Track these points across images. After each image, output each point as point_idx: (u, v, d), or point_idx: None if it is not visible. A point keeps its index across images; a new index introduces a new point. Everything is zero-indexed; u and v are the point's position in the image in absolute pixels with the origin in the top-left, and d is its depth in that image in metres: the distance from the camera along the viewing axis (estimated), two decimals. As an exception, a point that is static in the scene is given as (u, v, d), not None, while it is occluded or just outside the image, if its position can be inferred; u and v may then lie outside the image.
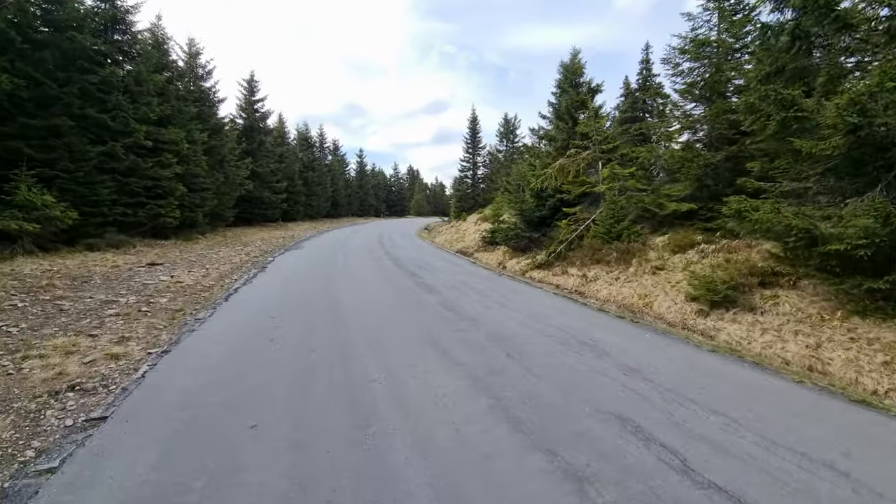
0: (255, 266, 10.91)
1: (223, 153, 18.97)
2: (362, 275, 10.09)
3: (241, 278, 9.09)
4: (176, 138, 15.09)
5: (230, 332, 5.37)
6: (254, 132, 27.76)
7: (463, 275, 11.26)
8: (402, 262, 13.24)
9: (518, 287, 9.95)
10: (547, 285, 11.51)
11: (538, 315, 6.89)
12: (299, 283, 8.73)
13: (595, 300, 9.86)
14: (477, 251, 19.03)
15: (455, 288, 8.91)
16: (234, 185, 20.14)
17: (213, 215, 18.55)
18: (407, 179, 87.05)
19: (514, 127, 40.09)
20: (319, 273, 10.23)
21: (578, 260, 12.81)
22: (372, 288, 8.38)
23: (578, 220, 14.35)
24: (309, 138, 41.75)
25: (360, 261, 12.91)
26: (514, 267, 14.53)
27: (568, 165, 14.51)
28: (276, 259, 12.39)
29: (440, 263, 13.51)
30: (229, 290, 7.75)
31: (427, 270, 11.44)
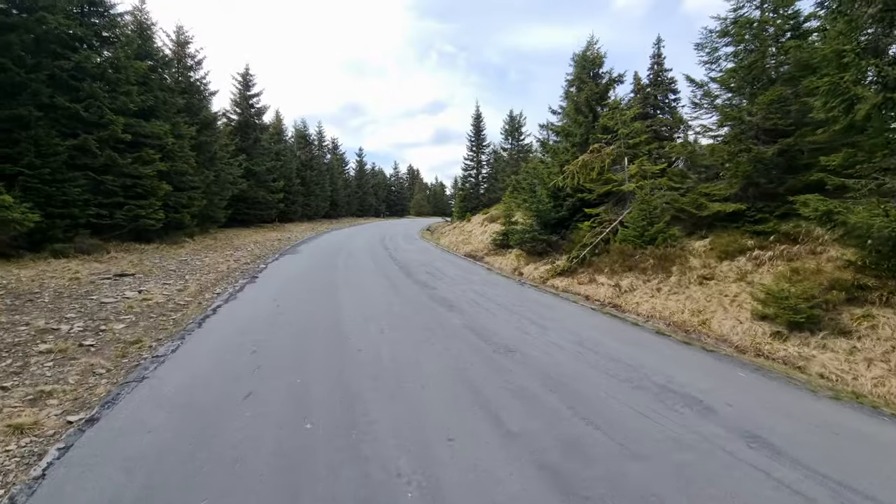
0: (244, 275, 9.55)
1: (214, 149, 17.59)
2: (367, 286, 8.75)
3: (225, 292, 7.73)
4: (159, 132, 13.70)
5: (194, 380, 3.99)
6: (249, 128, 26.36)
7: (480, 284, 9.92)
8: (409, 268, 11.89)
9: (546, 300, 8.61)
10: (575, 296, 10.19)
11: (587, 341, 5.56)
12: (293, 298, 7.39)
13: (635, 315, 8.54)
14: (487, 255, 17.71)
15: (476, 303, 7.57)
16: (226, 183, 18.75)
17: (202, 216, 17.15)
18: (407, 179, 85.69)
19: (519, 124, 38.75)
20: (318, 284, 8.89)
21: (607, 266, 11.49)
22: (381, 305, 7.03)
23: (603, 222, 13.03)
24: (307, 136, 40.32)
25: (363, 267, 11.57)
26: (532, 273, 13.21)
27: (591, 161, 13.18)
28: (269, 266, 11.04)
29: (452, 270, 12.17)
30: (207, 309, 6.40)
31: (440, 279, 10.10)
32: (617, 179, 12.93)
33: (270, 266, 11.11)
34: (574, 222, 14.93)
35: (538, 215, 14.77)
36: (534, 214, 14.79)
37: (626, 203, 13.24)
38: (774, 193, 10.06)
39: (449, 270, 12.08)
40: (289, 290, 8.02)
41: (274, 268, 10.92)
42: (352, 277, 9.86)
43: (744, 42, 11.39)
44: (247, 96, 26.52)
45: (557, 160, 15.65)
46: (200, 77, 18.59)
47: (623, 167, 13.50)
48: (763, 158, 10.03)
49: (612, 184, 12.87)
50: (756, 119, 10.50)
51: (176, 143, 14.80)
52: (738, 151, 10.41)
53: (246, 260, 12.05)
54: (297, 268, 11.12)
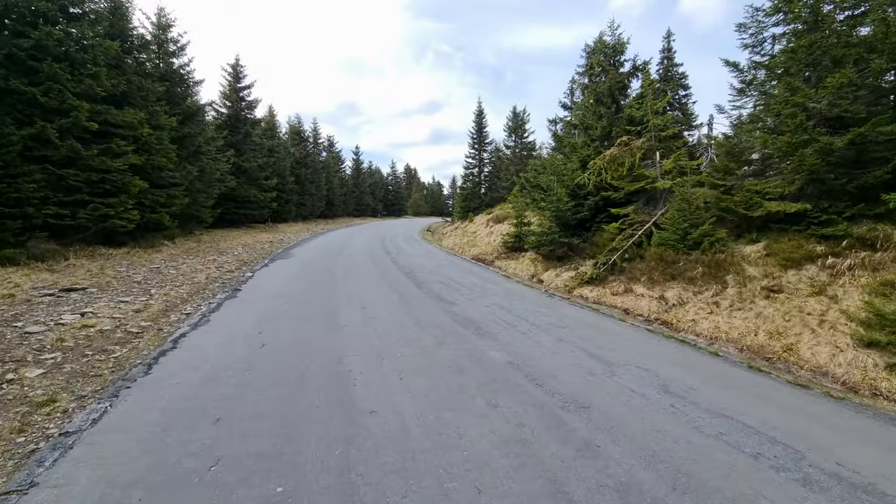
0: (225, 287, 8.02)
1: (198, 143, 15.99)
2: (373, 302, 7.26)
3: (197, 312, 6.21)
4: (132, 121, 12.10)
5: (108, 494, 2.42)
6: (239, 123, 24.71)
7: (503, 296, 8.46)
8: (418, 276, 10.41)
9: (586, 317, 7.15)
10: (610, 308, 8.78)
11: (672, 384, 4.13)
12: (282, 322, 5.85)
13: (693, 335, 7.13)
14: (497, 258, 16.28)
15: (510, 324, 6.11)
16: (213, 180, 17.14)
17: (184, 217, 15.55)
18: (404, 178, 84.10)
19: (522, 121, 37.35)
20: (313, 299, 7.39)
21: (643, 274, 10.08)
22: (392, 331, 5.53)
23: (633, 224, 11.62)
24: (302, 132, 38.65)
25: (365, 276, 10.08)
26: (553, 281, 11.79)
27: (621, 156, 11.76)
28: (257, 275, 9.50)
29: (465, 278, 10.69)
30: (167, 340, 4.87)
31: (455, 290, 8.63)
32: (650, 176, 11.52)
33: (258, 275, 9.57)
34: (596, 224, 13.53)
35: (557, 216, 13.34)
36: (552, 215, 13.35)
37: (658, 202, 11.85)
38: (842, 191, 8.69)
39: (462, 278, 10.61)
40: (277, 310, 6.49)
41: (262, 277, 9.38)
42: (353, 289, 8.37)
43: (799, 20, 10.01)
44: (237, 88, 24.88)
45: (577, 156, 14.24)
46: (183, 63, 16.99)
47: (655, 162, 12.12)
48: (831, 151, 8.64)
49: (644, 180, 11.46)
50: (821, 106, 9.11)
51: (153, 135, 13.20)
52: (799, 143, 9.02)
53: (230, 267, 10.49)
54: (289, 277, 9.58)
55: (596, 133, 14.57)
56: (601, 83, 14.87)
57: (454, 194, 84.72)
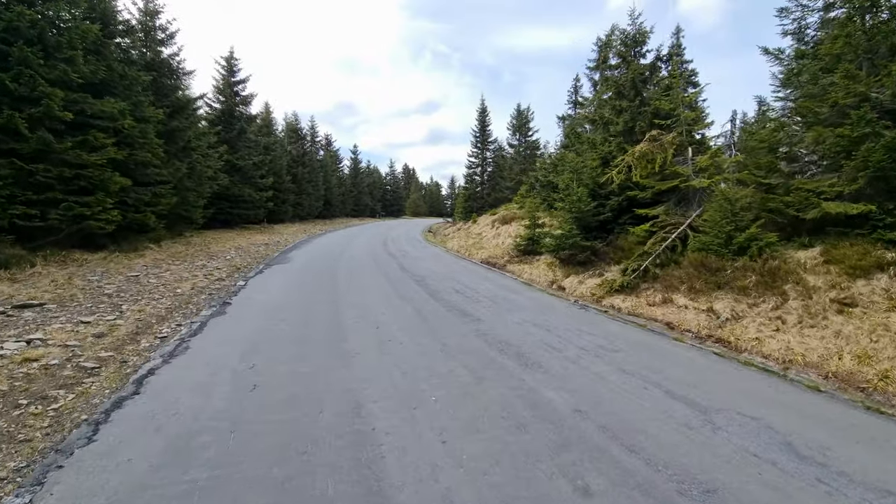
0: (212, 300, 6.91)
1: (188, 137, 14.84)
2: (386, 318, 6.19)
3: (174, 335, 5.09)
4: (112, 111, 10.96)
5: None
6: (233, 118, 23.54)
7: (532, 310, 7.40)
8: (430, 283, 9.35)
9: (638, 336, 6.10)
10: (650, 321, 7.76)
11: (802, 446, 3.09)
12: (279, 349, 4.73)
13: (761, 357, 6.12)
14: (510, 262, 15.24)
15: (554, 348, 5.05)
16: (204, 178, 15.98)
17: (173, 217, 14.39)
18: (403, 178, 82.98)
19: (527, 119, 36.35)
20: (314, 314, 6.30)
21: (683, 283, 9.09)
22: (416, 361, 4.40)
23: (666, 226, 10.62)
24: (299, 130, 37.46)
25: (372, 284, 9.01)
26: (577, 288, 10.77)
27: (651, 152, 10.76)
28: (250, 284, 8.38)
29: (483, 285, 9.64)
30: (129, 380, 3.72)
31: (476, 302, 7.57)
32: (684, 173, 10.53)
33: (252, 284, 8.46)
34: (619, 225, 12.53)
35: (577, 218, 12.32)
36: (572, 217, 12.33)
37: (691, 202, 10.86)
38: (910, 190, 7.74)
39: (478, 286, 9.56)
40: (272, 331, 5.38)
41: (256, 286, 8.27)
42: (361, 301, 7.29)
43: (850, 3, 9.09)
44: (231, 83, 23.70)
45: (598, 153, 13.24)
46: (173, 53, 15.83)
47: (687, 158, 11.13)
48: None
49: (678, 178, 10.45)
50: (884, 96, 8.14)
51: (137, 127, 12.06)
52: (860, 136, 8.05)
53: (220, 274, 9.37)
54: (286, 287, 8.47)
55: (617, 128, 13.57)
56: (622, 75, 13.87)
57: (453, 194, 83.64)
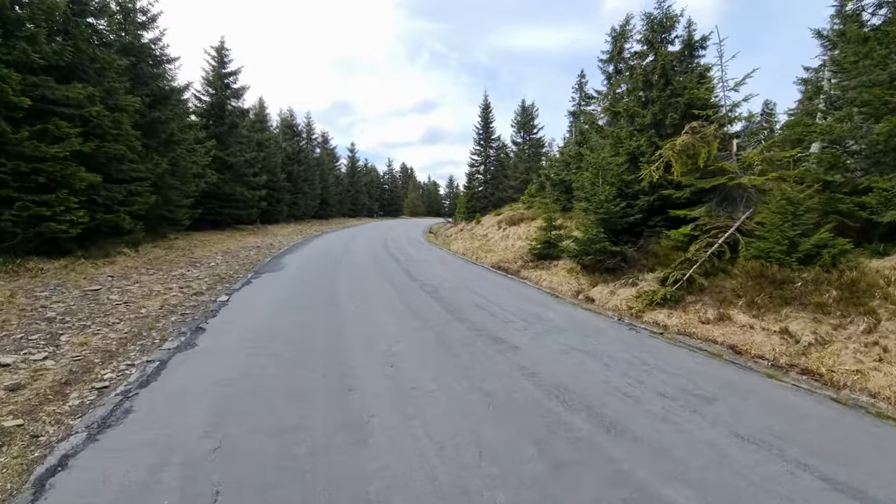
0: (183, 325, 5.50)
1: (170, 130, 13.45)
2: (402, 352, 4.86)
3: (119, 384, 3.71)
4: (79, 96, 9.58)
5: None
6: (224, 112, 22.12)
7: (574, 332, 6.10)
8: (445, 295, 8.04)
9: (725, 374, 4.79)
10: (707, 342, 6.52)
11: None
12: (258, 416, 3.25)
13: (867, 395, 4.87)
14: (524, 267, 13.97)
15: (632, 397, 3.75)
16: (189, 175, 14.58)
17: (153, 218, 13.00)
18: (401, 177, 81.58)
19: (531, 116, 35.10)
20: (311, 346, 4.95)
21: (739, 297, 7.88)
22: (455, 429, 3.01)
23: (710, 230, 9.38)
24: (294, 126, 35.99)
25: (377, 296, 7.70)
26: (608, 300, 9.53)
27: (693, 146, 9.51)
28: (232, 302, 6.98)
29: (505, 298, 8.35)
30: (29, 475, 2.43)
31: (504, 321, 6.28)
32: (730, 170, 9.29)
33: (235, 300, 7.08)
34: (650, 228, 11.30)
35: (604, 219, 11.07)
36: (598, 218, 11.08)
37: (737, 202, 9.63)
38: None
39: (500, 298, 8.26)
40: (254, 377, 3.95)
41: (239, 304, 6.88)
42: (368, 323, 5.98)
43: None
44: (222, 74, 22.27)
45: (624, 148, 11.99)
46: (155, 38, 14.40)
47: (731, 153, 9.91)
48: None
49: (725, 175, 9.22)
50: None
51: (108, 116, 10.66)
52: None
53: (200, 286, 8.00)
54: (277, 304, 7.10)
55: (644, 121, 12.33)
56: (649, 63, 12.62)
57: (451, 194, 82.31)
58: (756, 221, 8.73)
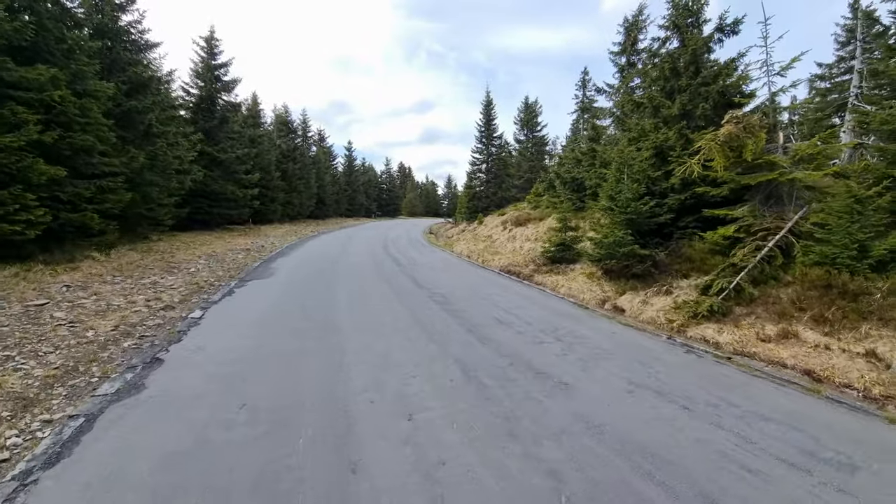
0: (132, 358, 4.30)
1: (149, 121, 12.24)
2: (419, 394, 3.71)
3: (14, 464, 2.60)
4: (39, 78, 8.38)
5: None
6: (214, 106, 20.89)
7: (626, 357, 4.99)
8: (458, 307, 6.92)
9: (861, 430, 3.70)
10: (774, 365, 5.46)
11: None
12: None
13: None
14: (537, 272, 12.87)
15: (759, 479, 2.67)
16: (171, 170, 13.35)
17: (130, 217, 11.79)
18: (399, 177, 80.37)
19: (535, 113, 34.03)
20: (301, 396, 3.74)
21: (802, 309, 6.85)
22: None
23: (756, 232, 8.31)
24: (289, 123, 34.70)
25: (381, 310, 6.58)
26: (640, 310, 8.45)
27: (738, 137, 8.44)
28: (206, 319, 5.75)
29: (529, 310, 7.23)
30: None
31: (536, 341, 5.18)
32: (780, 164, 8.24)
33: (210, 317, 5.88)
34: (680, 229, 10.24)
35: (631, 220, 10.00)
36: (624, 219, 10.00)
37: (785, 200, 8.59)
38: None
39: (523, 311, 7.15)
40: (216, 455, 2.72)
41: (215, 322, 5.67)
42: (373, 350, 4.84)
43: None
44: (211, 66, 21.02)
45: (650, 142, 10.92)
46: (134, 21, 13.19)
47: (778, 145, 8.87)
48: None
49: (774, 170, 8.15)
50: None
51: (76, 103, 9.46)
52: None
53: (172, 298, 6.80)
54: (261, 321, 5.90)
55: (671, 112, 11.28)
56: (676, 50, 11.55)
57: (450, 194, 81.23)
58: (812, 222, 7.69)
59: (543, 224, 18.64)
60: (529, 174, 30.39)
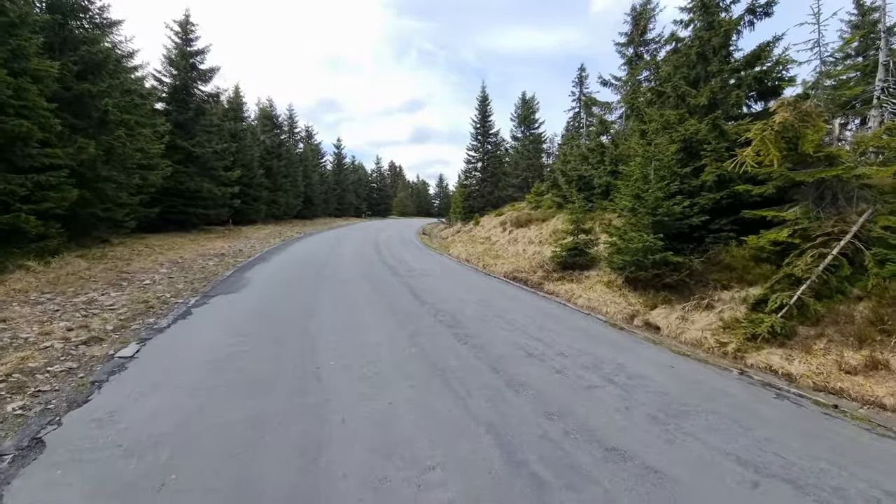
0: (17, 429, 2.97)
1: (104, 106, 10.62)
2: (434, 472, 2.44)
3: None
4: (-51, 49, 6.80)
5: None
6: (189, 96, 19.20)
7: (731, 419, 3.70)
8: (473, 333, 5.58)
9: None
10: (881, 410, 4.18)
11: None
12: None
13: None
14: (546, 279, 11.60)
15: None
16: (132, 165, 11.72)
17: (83, 218, 10.18)
18: (389, 176, 78.71)
19: (532, 110, 32.86)
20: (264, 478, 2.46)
21: (888, 332, 5.70)
22: None
23: (815, 237, 7.13)
24: (275, 118, 32.94)
25: (380, 348, 5.20)
26: (681, 329, 7.25)
27: (794, 127, 7.24)
28: (140, 359, 4.13)
29: (559, 336, 5.90)
30: None
31: (589, 392, 3.85)
32: (844, 158, 7.08)
33: (146, 355, 4.25)
34: (713, 233, 9.05)
35: (659, 223, 8.79)
36: (653, 221, 8.78)
37: (841, 200, 7.44)
38: None
39: (551, 334, 5.85)
40: None
41: (149, 367, 3.96)
42: (373, 423, 3.44)
43: None
44: (186, 53, 19.33)
45: (679, 135, 9.71)
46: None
47: (833, 136, 7.73)
48: None
49: (838, 165, 6.98)
50: None
51: (11, 84, 7.88)
52: None
53: (105, 324, 5.23)
54: (214, 365, 4.19)
55: (699, 101, 10.11)
56: (703, 34, 10.36)
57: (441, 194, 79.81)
58: (882, 226, 6.55)
59: (547, 225, 17.42)
60: (527, 173, 29.22)
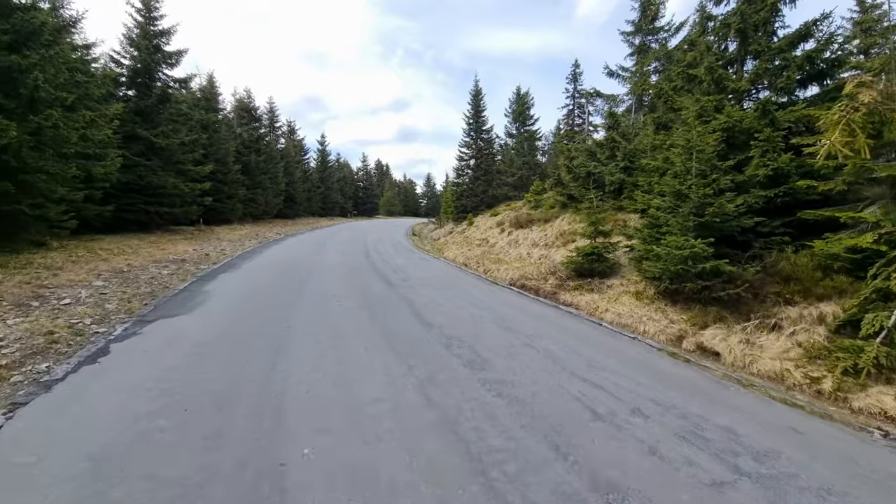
0: None
1: (34, 81, 8.68)
2: None
3: None
4: None
5: None
6: (152, 81, 17.14)
7: None
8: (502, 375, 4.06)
9: None
10: None
11: None
12: None
13: None
14: (560, 288, 10.19)
15: None
16: (68, 151, 9.75)
17: (5, 217, 8.26)
18: (376, 175, 76.63)
19: (527, 105, 31.55)
20: None
21: None
22: None
23: (904, 243, 5.85)
24: (253, 110, 30.74)
25: (382, 419, 3.66)
26: (746, 356, 5.87)
27: (879, 111, 5.95)
28: (6, 433, 2.74)
29: (617, 376, 4.43)
30: None
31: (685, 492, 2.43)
32: (943, 147, 5.81)
33: (8, 433, 2.84)
34: (763, 237, 7.73)
35: (704, 225, 7.45)
36: (698, 222, 7.43)
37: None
38: None
39: (604, 378, 4.39)
40: None
41: (3, 463, 2.64)
42: None
43: None
44: (149, 32, 17.24)
45: (718, 123, 8.39)
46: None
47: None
48: None
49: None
50: None
51: None
52: None
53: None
54: (108, 463, 2.81)
55: (739, 85, 8.84)
56: (746, 8, 9.06)
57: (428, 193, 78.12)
58: None
59: (552, 226, 16.04)
60: (523, 171, 27.89)
